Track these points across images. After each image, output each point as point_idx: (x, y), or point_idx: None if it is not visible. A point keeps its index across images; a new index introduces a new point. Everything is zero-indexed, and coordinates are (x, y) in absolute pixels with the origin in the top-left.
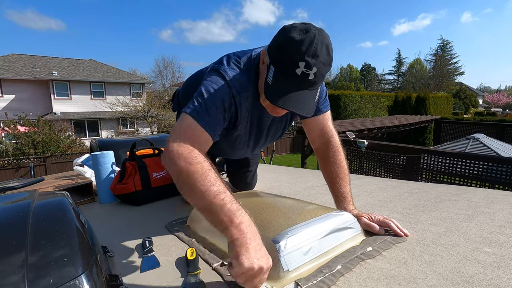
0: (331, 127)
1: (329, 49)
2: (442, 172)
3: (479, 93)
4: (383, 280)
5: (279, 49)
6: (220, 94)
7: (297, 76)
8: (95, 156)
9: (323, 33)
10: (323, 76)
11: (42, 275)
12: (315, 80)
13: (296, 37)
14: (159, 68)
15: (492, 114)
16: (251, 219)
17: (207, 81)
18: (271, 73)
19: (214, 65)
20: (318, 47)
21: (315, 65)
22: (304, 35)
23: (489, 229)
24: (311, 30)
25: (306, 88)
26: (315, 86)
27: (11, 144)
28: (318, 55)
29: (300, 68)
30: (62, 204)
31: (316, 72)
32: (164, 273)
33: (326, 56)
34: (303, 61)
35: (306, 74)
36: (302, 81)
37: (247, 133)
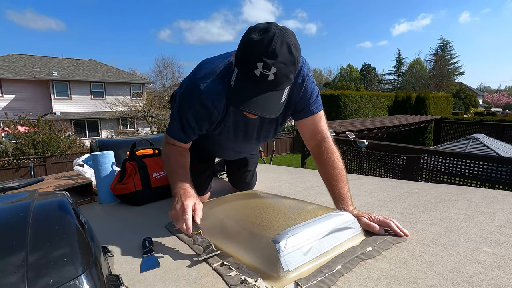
0: (324, 128)
1: (291, 47)
2: (442, 172)
3: (479, 93)
4: (383, 280)
5: (240, 50)
6: (191, 110)
7: (255, 77)
8: (95, 156)
9: (285, 32)
10: (286, 76)
11: (42, 275)
12: (276, 80)
13: (254, 37)
14: (159, 68)
15: (492, 114)
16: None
17: (181, 96)
18: (234, 75)
19: (190, 76)
20: (277, 46)
21: (274, 65)
22: (263, 35)
23: (489, 229)
24: (270, 30)
25: (268, 89)
26: (279, 87)
27: (11, 144)
28: (277, 55)
29: (258, 69)
30: (62, 204)
31: (277, 72)
32: (164, 273)
33: (288, 55)
34: (260, 61)
35: (265, 74)
36: (262, 82)
37: (233, 135)
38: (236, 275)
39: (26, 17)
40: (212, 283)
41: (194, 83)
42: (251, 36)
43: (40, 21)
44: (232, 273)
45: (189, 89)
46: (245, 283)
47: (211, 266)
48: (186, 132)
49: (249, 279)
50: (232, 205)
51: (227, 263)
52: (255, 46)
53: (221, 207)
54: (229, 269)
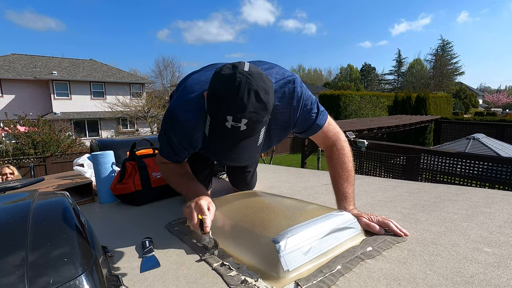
0: (334, 131)
1: (259, 94)
2: (442, 172)
3: (479, 93)
4: (383, 280)
5: (210, 99)
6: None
7: (227, 129)
8: (95, 156)
9: (251, 77)
10: (259, 121)
11: (42, 275)
12: (249, 129)
13: (220, 89)
14: (159, 68)
15: (492, 114)
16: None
17: (165, 122)
18: (207, 123)
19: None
20: (244, 97)
21: (244, 117)
22: (228, 84)
23: (489, 229)
24: (236, 79)
25: (241, 138)
26: (253, 133)
27: (11, 144)
28: (246, 106)
29: (229, 122)
30: (62, 204)
31: (248, 122)
32: (164, 273)
33: (256, 104)
34: (229, 115)
35: (236, 127)
36: (234, 134)
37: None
38: (236, 275)
39: (26, 17)
40: (212, 283)
41: (173, 111)
42: (218, 86)
43: (39, 21)
44: (232, 273)
45: (169, 116)
46: (245, 283)
47: (211, 266)
48: (176, 153)
49: (249, 279)
50: (232, 205)
51: (227, 263)
52: (222, 99)
53: (221, 207)
54: (229, 269)
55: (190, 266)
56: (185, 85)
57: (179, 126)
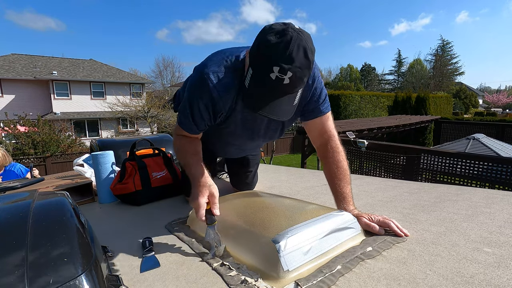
0: (331, 128)
1: (307, 51)
2: (442, 172)
3: (479, 93)
4: (383, 280)
5: (256, 52)
6: (201, 99)
7: (271, 81)
8: (95, 156)
9: (302, 35)
10: (301, 79)
11: (42, 275)
12: (291, 84)
13: (271, 40)
14: (159, 68)
15: (492, 114)
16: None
17: (190, 86)
18: (248, 76)
19: (199, 67)
20: (294, 50)
21: (290, 70)
22: (280, 38)
23: (489, 229)
24: (288, 33)
25: (282, 92)
26: (293, 90)
27: (11, 144)
28: (294, 59)
29: (274, 73)
30: (62, 204)
31: (292, 76)
32: (164, 273)
33: (303, 59)
34: (277, 65)
35: (281, 78)
36: (276, 86)
37: (239, 131)
38: (236, 275)
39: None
40: (212, 283)
41: (203, 73)
42: (268, 38)
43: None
44: (232, 273)
45: (197, 79)
46: (245, 283)
47: (211, 266)
48: (196, 121)
49: (249, 279)
50: (232, 205)
51: (227, 263)
52: (272, 49)
53: (221, 207)
54: (229, 269)
55: (190, 266)
56: (213, 53)
57: (208, 87)
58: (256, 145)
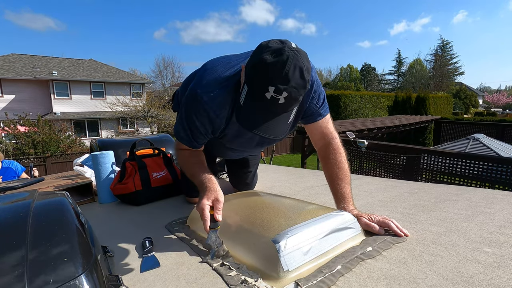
0: (332, 129)
1: (303, 71)
2: (442, 172)
3: (479, 93)
4: (383, 280)
5: (252, 69)
6: (197, 119)
7: (266, 100)
8: (95, 156)
9: (298, 55)
10: (296, 99)
11: (42, 275)
12: (286, 104)
13: (268, 59)
14: (159, 68)
15: (492, 114)
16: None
17: (186, 104)
18: (243, 93)
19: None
20: (290, 70)
21: (286, 90)
22: (276, 57)
23: (489, 229)
24: (284, 52)
25: (277, 112)
26: (288, 109)
27: (11, 144)
28: (290, 80)
29: (270, 93)
30: (62, 204)
31: (287, 96)
32: (164, 273)
33: (299, 79)
34: (272, 85)
35: (276, 98)
36: (272, 105)
37: (238, 139)
38: (236, 275)
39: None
40: (212, 283)
41: (197, 91)
42: (265, 57)
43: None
44: (232, 273)
45: (192, 98)
46: (245, 283)
47: (211, 266)
48: (195, 138)
49: (249, 279)
50: (232, 205)
51: (227, 263)
52: (268, 69)
53: None
54: (229, 269)
55: (190, 266)
56: (205, 69)
57: (203, 106)
58: (256, 150)
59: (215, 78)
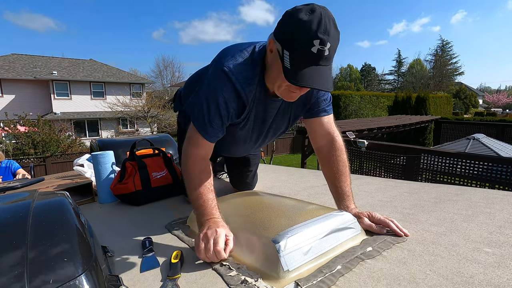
0: (335, 128)
1: (335, 23)
2: (442, 172)
3: (479, 93)
4: (383, 280)
5: (290, 33)
6: (221, 93)
7: (313, 54)
8: (95, 156)
9: (327, 10)
10: (335, 50)
11: (42, 275)
12: (329, 55)
13: (304, 17)
14: (159, 68)
15: (492, 114)
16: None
17: (209, 82)
18: (286, 58)
19: (216, 61)
20: (326, 23)
21: (328, 41)
22: (311, 14)
23: (489, 229)
24: (316, 9)
25: (324, 64)
26: (330, 61)
27: (11, 144)
28: (329, 31)
29: (316, 46)
30: (62, 204)
31: (330, 47)
32: (164, 273)
33: (335, 30)
34: (317, 38)
35: (322, 50)
36: (319, 58)
37: (251, 126)
38: (236, 275)
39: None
40: (212, 283)
41: (222, 67)
42: (300, 17)
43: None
44: (232, 273)
45: (217, 73)
46: (245, 283)
47: (211, 266)
48: (213, 123)
49: (249, 279)
50: (232, 205)
51: (227, 263)
52: (309, 25)
53: (221, 207)
54: (229, 269)
55: (190, 266)
56: (227, 48)
57: (230, 79)
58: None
59: (240, 53)
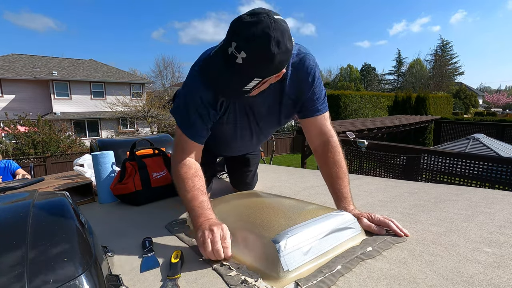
0: (330, 128)
1: (271, 41)
2: (442, 172)
3: (479, 93)
4: (383, 280)
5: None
6: (196, 92)
7: (226, 54)
8: (95, 156)
9: (274, 24)
10: (253, 65)
11: (42, 275)
12: (244, 66)
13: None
14: (159, 68)
15: (492, 114)
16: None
17: (186, 83)
18: None
19: (194, 62)
20: (257, 33)
21: (245, 50)
22: (251, 18)
23: (489, 229)
24: (260, 16)
25: (232, 70)
26: (244, 73)
27: (11, 144)
28: (254, 41)
29: (231, 48)
30: (62, 204)
31: (245, 58)
32: (164, 273)
33: (263, 46)
34: (234, 41)
35: (234, 56)
36: (229, 61)
37: (236, 121)
38: (236, 275)
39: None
40: (212, 283)
41: (195, 67)
42: (242, 15)
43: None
44: (232, 273)
45: (191, 73)
46: (245, 283)
47: (211, 266)
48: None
49: (249, 279)
50: (232, 205)
51: (227, 263)
52: (238, 25)
53: (221, 207)
54: (229, 269)
55: (190, 266)
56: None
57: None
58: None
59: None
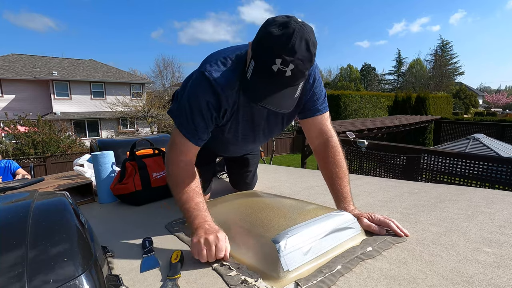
0: (330, 127)
1: (309, 44)
2: (442, 172)
3: (479, 93)
4: (383, 280)
5: (258, 44)
6: (203, 96)
7: (273, 73)
8: (95, 156)
9: (304, 28)
10: (302, 72)
11: (42, 275)
12: (292, 76)
13: (274, 32)
14: (159, 68)
15: (492, 114)
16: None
17: (191, 85)
18: (250, 68)
19: (200, 66)
20: (296, 43)
21: (292, 62)
22: (282, 30)
23: (489, 229)
24: (290, 25)
25: (284, 84)
26: (295, 83)
27: (11, 144)
28: (296, 52)
29: (276, 65)
30: (62, 204)
31: (294, 69)
32: (164, 273)
33: (305, 52)
34: (279, 58)
35: (282, 71)
36: (278, 78)
37: (239, 127)
38: (236, 275)
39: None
40: (212, 283)
41: (204, 70)
42: (271, 30)
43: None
44: (232, 273)
45: (198, 77)
46: (245, 283)
47: (211, 266)
48: (196, 122)
49: (249, 279)
50: (232, 205)
51: (227, 263)
52: (275, 41)
53: (221, 207)
54: (229, 269)
55: (190, 266)
56: (210, 54)
57: (211, 83)
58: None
59: (222, 59)
